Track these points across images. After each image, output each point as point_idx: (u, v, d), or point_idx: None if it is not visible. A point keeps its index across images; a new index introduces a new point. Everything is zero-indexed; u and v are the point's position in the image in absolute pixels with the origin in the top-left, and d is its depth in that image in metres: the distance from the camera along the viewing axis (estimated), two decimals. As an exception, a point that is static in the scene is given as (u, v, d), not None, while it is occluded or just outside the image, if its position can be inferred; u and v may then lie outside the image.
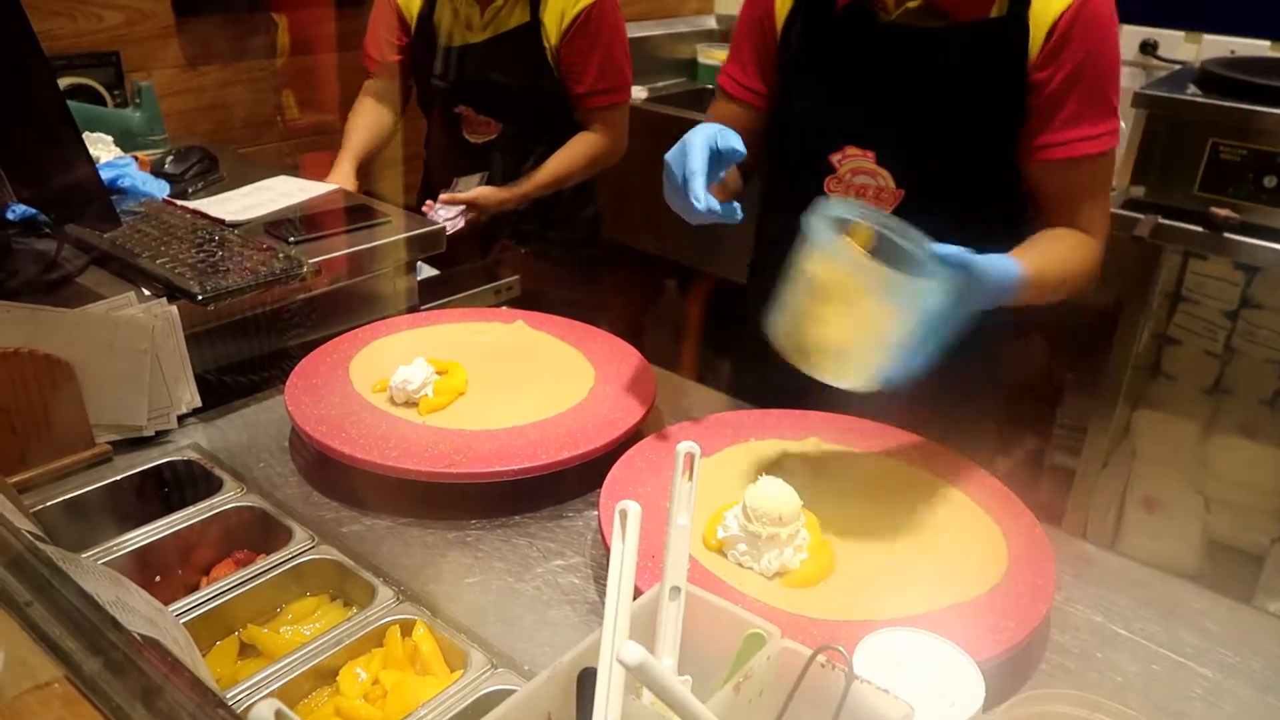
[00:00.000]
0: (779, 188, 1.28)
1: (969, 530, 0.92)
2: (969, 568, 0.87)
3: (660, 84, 2.91)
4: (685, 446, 0.64)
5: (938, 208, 1.05)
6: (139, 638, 0.50)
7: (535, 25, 1.80)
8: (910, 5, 1.07)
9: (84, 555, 0.88)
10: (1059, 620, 0.86)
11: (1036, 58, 1.03)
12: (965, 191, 1.12)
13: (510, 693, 0.65)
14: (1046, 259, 1.03)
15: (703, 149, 0.95)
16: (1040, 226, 1.12)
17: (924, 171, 1.11)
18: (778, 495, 0.85)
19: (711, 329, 3.02)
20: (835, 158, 1.15)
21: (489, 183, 1.87)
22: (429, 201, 1.85)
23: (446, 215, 1.79)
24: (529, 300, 1.97)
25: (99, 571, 0.62)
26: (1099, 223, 1.11)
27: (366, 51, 1.98)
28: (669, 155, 0.98)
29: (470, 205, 1.79)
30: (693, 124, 2.86)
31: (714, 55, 2.93)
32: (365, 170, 2.00)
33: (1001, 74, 1.05)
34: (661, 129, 2.62)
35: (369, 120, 1.98)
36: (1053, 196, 1.10)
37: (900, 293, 0.83)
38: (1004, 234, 1.07)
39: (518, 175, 1.88)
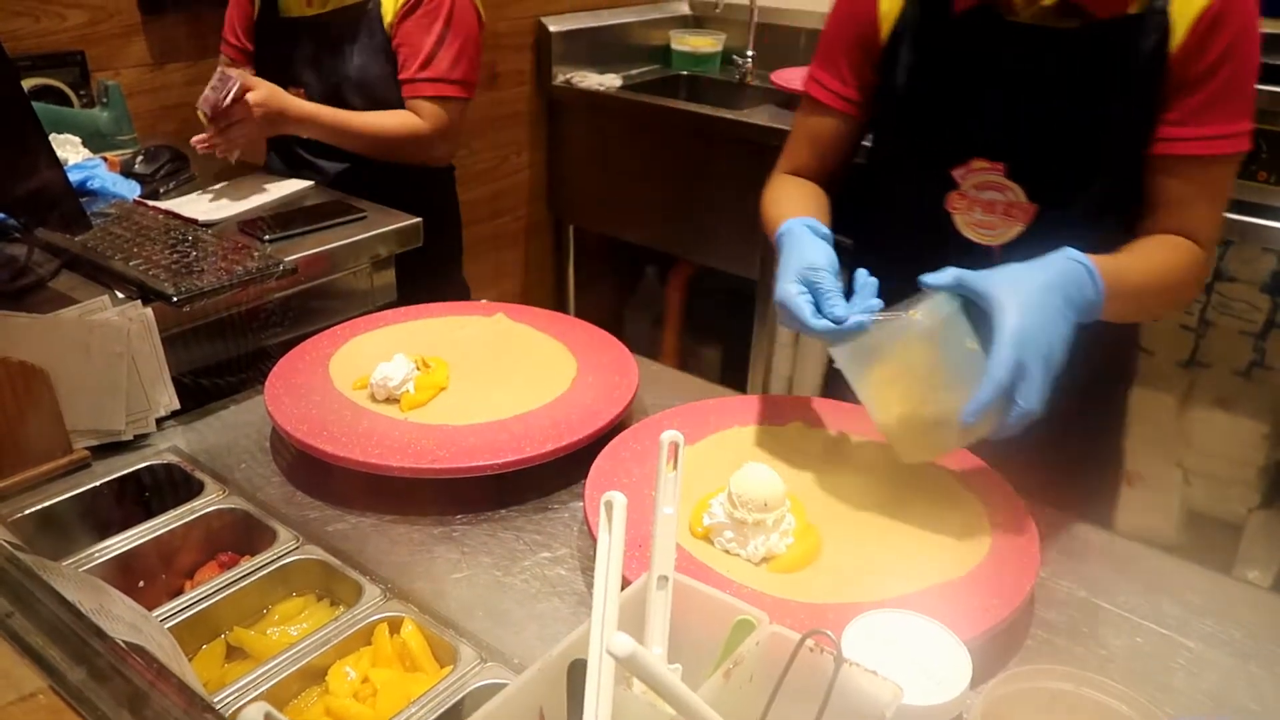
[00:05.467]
0: (888, 202, 1.19)
1: (953, 509, 0.93)
2: (954, 546, 0.87)
3: (634, 71, 2.90)
4: (669, 435, 0.64)
5: (1074, 222, 1.01)
6: (123, 645, 0.50)
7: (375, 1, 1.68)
8: (1044, 4, 1.00)
9: (64, 563, 0.87)
10: (1044, 596, 0.87)
11: (1177, 51, 0.96)
12: (1104, 204, 1.04)
13: (501, 687, 0.65)
14: (1139, 265, 0.96)
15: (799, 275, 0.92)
16: (1148, 229, 1.03)
17: (1059, 184, 1.04)
18: (762, 481, 0.85)
19: (691, 316, 3.02)
20: (958, 172, 1.07)
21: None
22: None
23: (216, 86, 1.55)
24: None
25: (80, 579, 0.61)
26: (1210, 231, 1.02)
27: (224, 35, 1.85)
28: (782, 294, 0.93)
29: (243, 92, 1.53)
30: (667, 112, 2.78)
31: (687, 41, 2.92)
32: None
33: (1143, 72, 0.98)
34: (636, 117, 2.63)
35: None
36: (1169, 197, 1.01)
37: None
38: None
39: (356, 173, 1.73)
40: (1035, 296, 0.83)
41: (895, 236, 1.17)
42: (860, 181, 1.21)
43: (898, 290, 0.90)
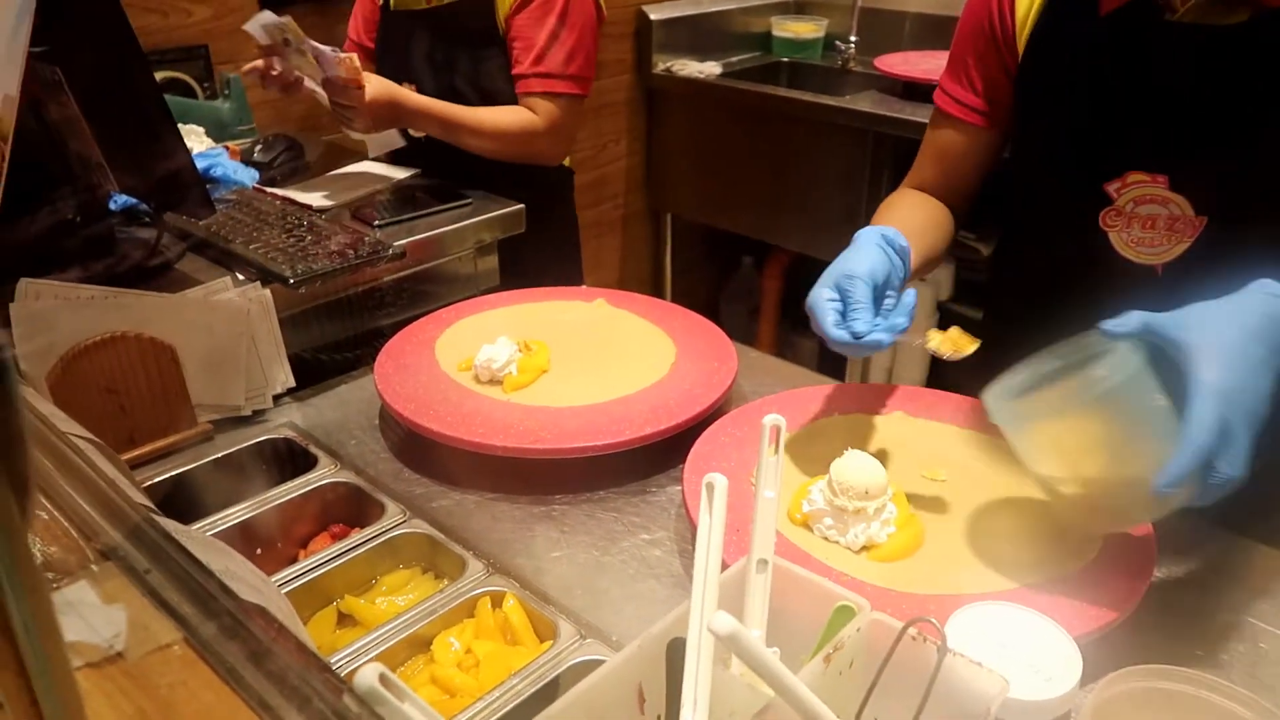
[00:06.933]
0: (1036, 223, 1.10)
1: (1062, 505, 0.90)
2: (1063, 541, 0.84)
3: (734, 59, 2.88)
4: (771, 419, 0.63)
5: (1248, 236, 0.91)
6: (248, 604, 0.52)
7: None
8: None
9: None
10: (1158, 596, 0.83)
11: None
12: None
13: (599, 663, 0.66)
14: None
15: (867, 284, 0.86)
16: None
17: (1232, 194, 0.93)
18: (864, 469, 0.84)
19: (788, 305, 2.99)
20: (1113, 187, 0.97)
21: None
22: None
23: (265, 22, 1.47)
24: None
25: (207, 542, 0.65)
26: None
27: (348, 33, 1.84)
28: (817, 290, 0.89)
29: (350, 81, 1.47)
30: (768, 99, 2.70)
31: (788, 28, 2.89)
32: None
33: None
34: (736, 104, 2.61)
35: None
36: None
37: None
38: None
39: (468, 172, 1.64)
40: (1237, 346, 0.70)
41: (1046, 259, 1.07)
42: (1005, 202, 1.12)
43: (1056, 323, 0.81)
